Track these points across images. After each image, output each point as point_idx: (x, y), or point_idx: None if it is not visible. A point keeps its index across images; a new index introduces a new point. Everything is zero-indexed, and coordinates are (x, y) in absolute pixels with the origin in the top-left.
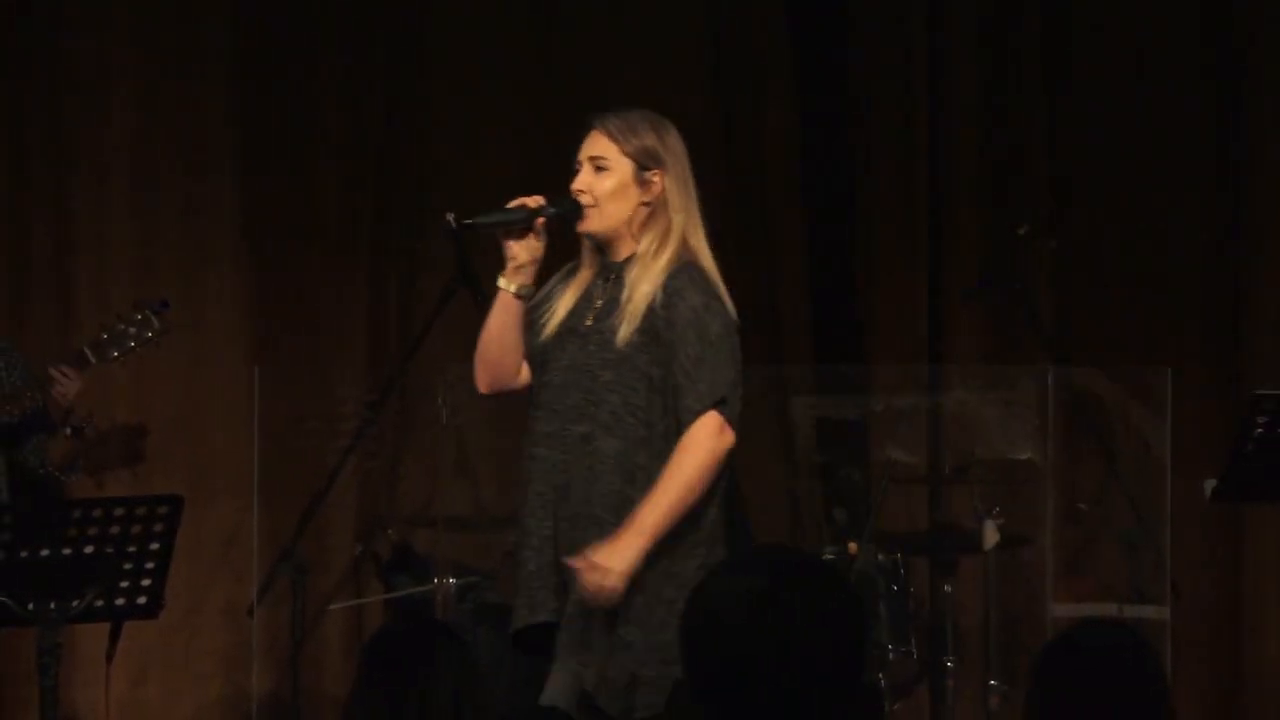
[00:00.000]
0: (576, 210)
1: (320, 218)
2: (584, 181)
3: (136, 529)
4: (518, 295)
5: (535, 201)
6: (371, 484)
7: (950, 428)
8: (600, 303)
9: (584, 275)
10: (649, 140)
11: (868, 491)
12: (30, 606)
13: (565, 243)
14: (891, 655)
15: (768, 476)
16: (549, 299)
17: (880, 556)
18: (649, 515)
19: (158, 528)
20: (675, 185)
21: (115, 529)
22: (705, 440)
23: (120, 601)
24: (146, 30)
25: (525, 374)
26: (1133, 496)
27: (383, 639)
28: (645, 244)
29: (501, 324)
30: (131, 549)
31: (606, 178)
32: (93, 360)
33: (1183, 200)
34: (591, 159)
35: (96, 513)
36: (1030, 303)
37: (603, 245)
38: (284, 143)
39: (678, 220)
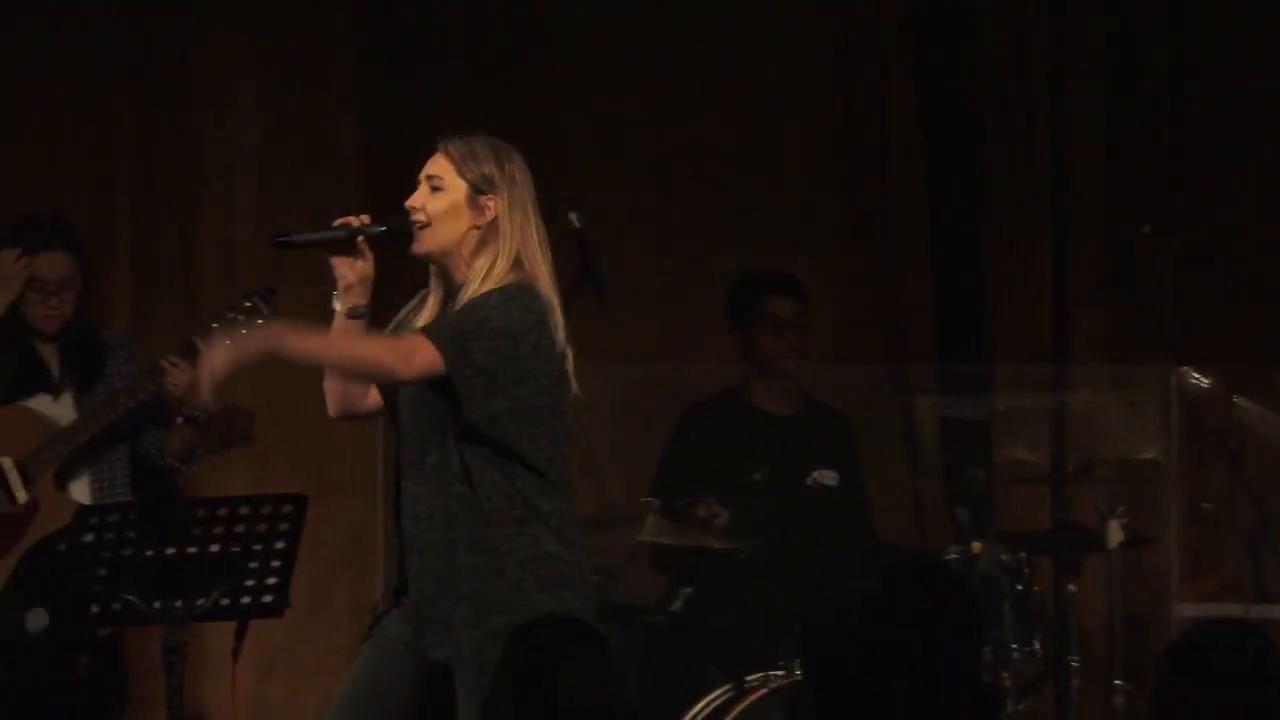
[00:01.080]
0: (405, 230)
1: None
2: (418, 199)
3: (261, 527)
4: (351, 315)
5: (359, 220)
6: None
7: (1074, 427)
8: None
9: (433, 300)
10: (487, 165)
11: (991, 491)
12: (156, 605)
13: None
14: (1016, 655)
15: (891, 476)
16: (403, 325)
17: (1004, 556)
18: (303, 340)
19: (282, 526)
20: (510, 211)
21: (240, 527)
22: (397, 348)
23: (246, 600)
24: (271, 31)
25: (375, 395)
26: (1257, 496)
27: (525, 636)
28: (477, 268)
29: None
30: (257, 547)
31: (441, 198)
32: (202, 350)
33: None
34: (428, 178)
35: (222, 511)
36: (1154, 302)
37: (442, 269)
38: (407, 142)
39: (508, 246)
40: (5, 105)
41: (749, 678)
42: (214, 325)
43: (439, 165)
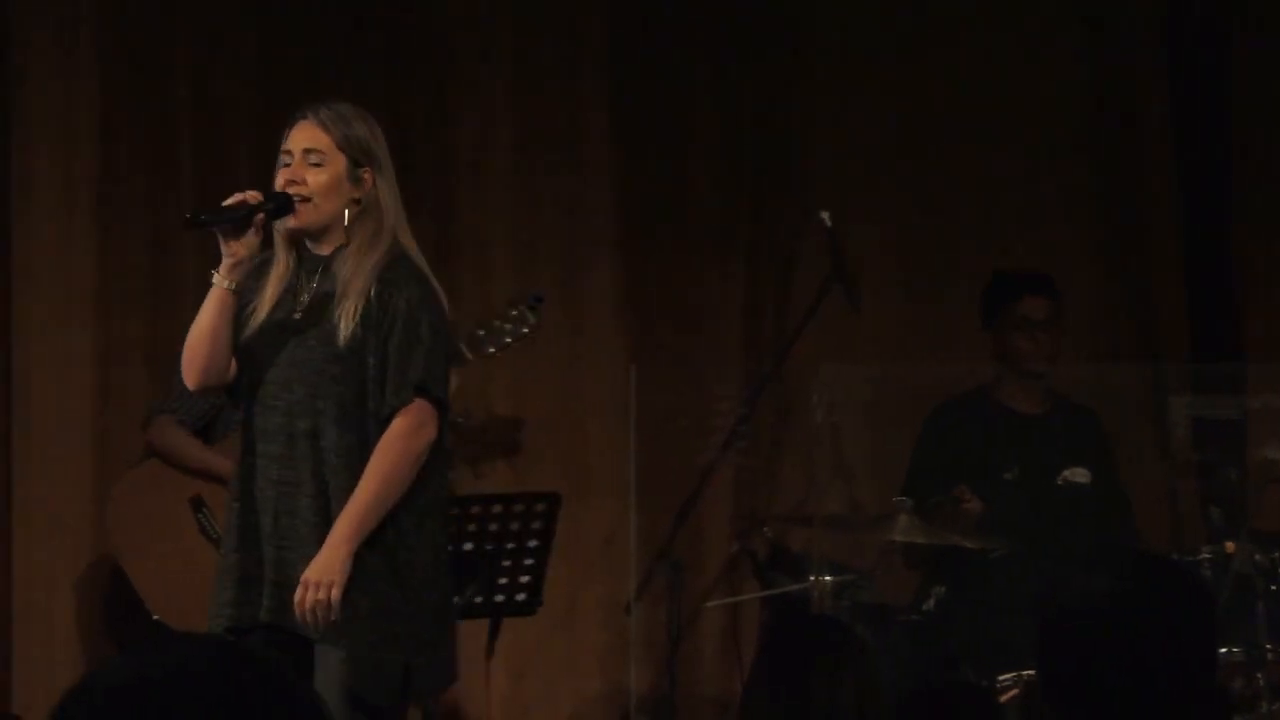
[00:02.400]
0: (287, 204)
1: (696, 217)
2: (297, 174)
3: (515, 526)
4: (233, 291)
5: (254, 197)
6: (747, 482)
7: None
8: (306, 296)
9: (281, 267)
10: (363, 134)
11: (1245, 491)
12: None
13: None
14: (1270, 656)
15: (1145, 475)
16: (248, 293)
17: (1257, 556)
18: (347, 524)
19: (536, 525)
20: (385, 181)
21: (494, 525)
22: (399, 439)
23: (500, 598)
24: (526, 30)
25: (234, 368)
26: None
27: (778, 632)
28: (358, 240)
29: (217, 321)
30: (510, 545)
31: (321, 172)
32: (468, 355)
33: None
34: (306, 151)
35: (475, 509)
36: None
37: (311, 239)
38: (659, 142)
39: (389, 217)
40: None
41: (1001, 677)
42: (479, 331)
43: (315, 138)
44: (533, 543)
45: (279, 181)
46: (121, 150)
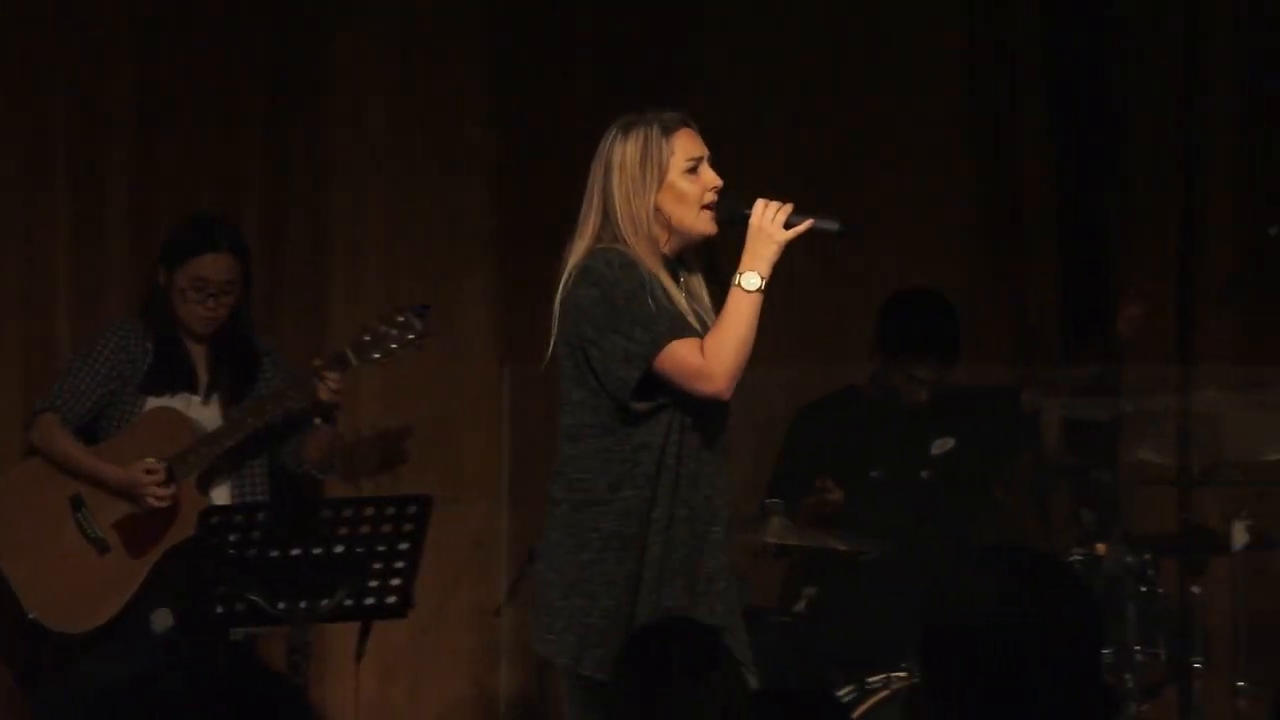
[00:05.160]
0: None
1: (572, 218)
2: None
3: (386, 528)
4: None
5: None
6: None
7: (1200, 429)
8: (687, 300)
9: (665, 278)
10: None
11: (1117, 493)
12: (281, 605)
13: None
14: (1139, 657)
15: (1017, 478)
16: (655, 292)
17: (1129, 558)
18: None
19: (407, 527)
20: None
21: (365, 528)
22: None
23: (370, 601)
24: (402, 31)
25: None
26: None
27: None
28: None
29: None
30: (381, 548)
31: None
32: (354, 361)
33: None
34: (709, 156)
35: (347, 512)
36: None
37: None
38: (538, 144)
39: None
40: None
41: (871, 679)
42: (365, 337)
43: (700, 142)
44: (404, 545)
45: (704, 194)
46: None
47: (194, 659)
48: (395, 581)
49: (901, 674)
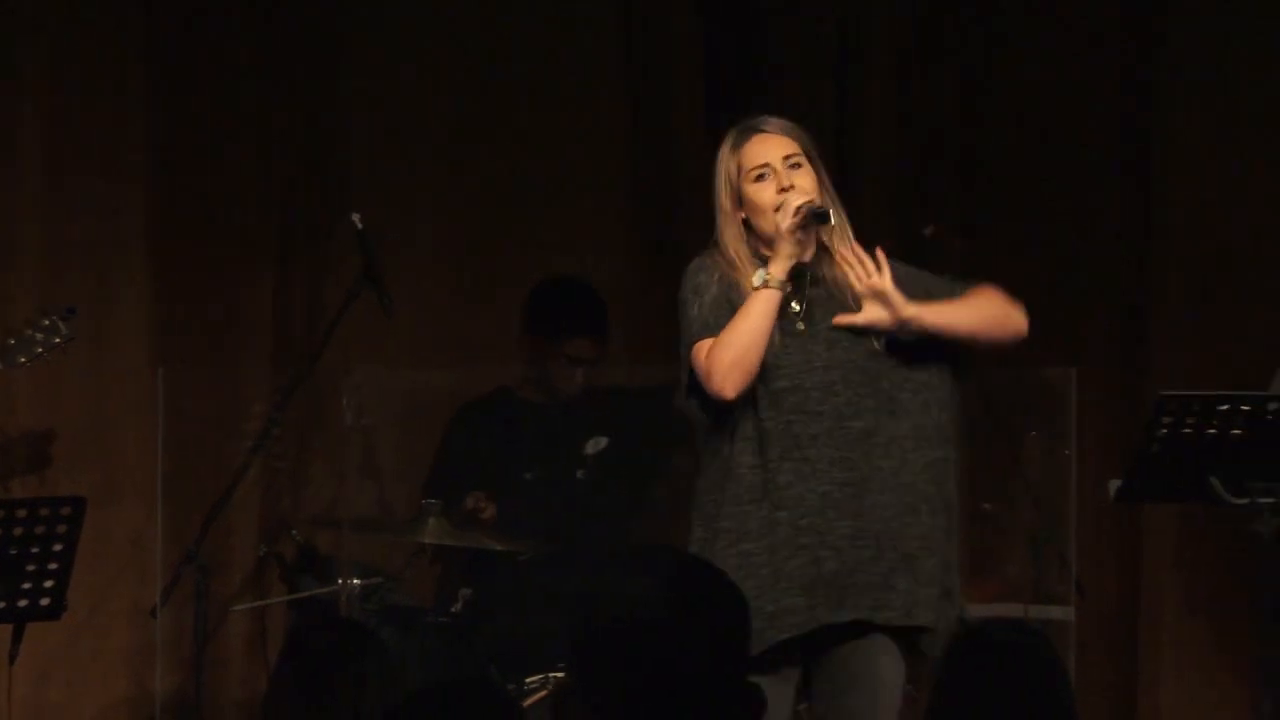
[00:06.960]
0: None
1: (227, 219)
2: (799, 183)
3: (39, 530)
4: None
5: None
6: (276, 486)
7: None
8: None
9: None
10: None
11: None
12: None
13: None
14: None
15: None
16: (730, 295)
17: None
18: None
19: (60, 529)
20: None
21: (18, 530)
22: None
23: (23, 603)
24: (55, 27)
25: None
26: (1038, 497)
27: (301, 636)
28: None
29: (770, 324)
30: (34, 550)
31: (806, 174)
32: None
33: (1089, 200)
34: (786, 158)
35: None
36: None
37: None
38: (194, 144)
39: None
40: None
41: (529, 679)
42: (10, 341)
43: (787, 144)
44: (57, 547)
45: (777, 199)
46: None
47: None
48: (49, 584)
49: (559, 673)
